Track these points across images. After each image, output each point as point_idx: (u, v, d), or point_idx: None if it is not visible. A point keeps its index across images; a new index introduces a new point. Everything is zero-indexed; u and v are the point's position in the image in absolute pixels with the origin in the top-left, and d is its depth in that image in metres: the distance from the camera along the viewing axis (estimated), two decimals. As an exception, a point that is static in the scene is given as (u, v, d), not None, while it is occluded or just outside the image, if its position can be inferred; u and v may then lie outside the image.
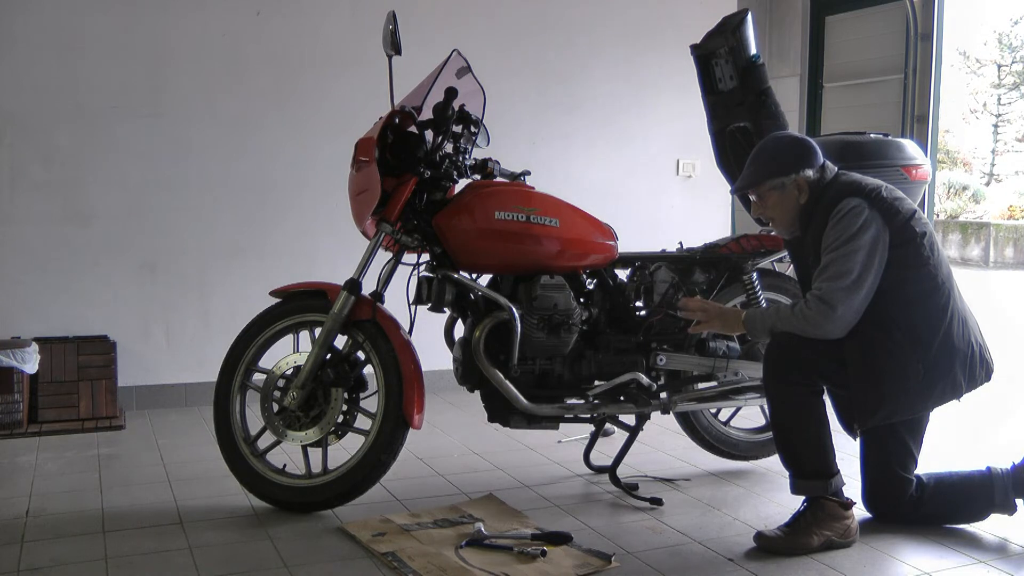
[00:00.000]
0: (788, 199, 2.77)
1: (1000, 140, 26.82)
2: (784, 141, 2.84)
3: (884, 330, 2.65)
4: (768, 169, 2.77)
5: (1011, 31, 26.94)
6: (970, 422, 4.44)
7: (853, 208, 2.64)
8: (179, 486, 3.26)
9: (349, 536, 2.77)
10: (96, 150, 4.31)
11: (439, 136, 2.99)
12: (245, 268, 4.54)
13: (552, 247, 3.04)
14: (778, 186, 2.76)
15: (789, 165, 2.75)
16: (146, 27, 4.35)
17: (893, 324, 2.65)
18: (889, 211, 2.66)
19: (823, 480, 2.72)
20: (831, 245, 2.65)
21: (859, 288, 2.60)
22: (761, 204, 2.83)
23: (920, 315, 2.66)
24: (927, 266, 2.67)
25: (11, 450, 3.73)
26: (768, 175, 2.77)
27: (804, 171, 2.74)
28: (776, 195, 2.78)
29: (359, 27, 4.58)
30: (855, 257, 2.60)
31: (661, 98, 5.37)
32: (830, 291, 2.61)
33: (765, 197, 2.80)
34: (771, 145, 2.83)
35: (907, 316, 2.65)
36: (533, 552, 2.60)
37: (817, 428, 2.74)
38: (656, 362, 3.18)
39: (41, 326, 4.25)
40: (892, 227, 2.65)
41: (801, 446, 2.75)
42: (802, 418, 2.74)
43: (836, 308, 2.60)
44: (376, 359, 2.96)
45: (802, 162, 2.75)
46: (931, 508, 2.87)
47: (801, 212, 2.78)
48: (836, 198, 2.69)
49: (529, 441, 3.88)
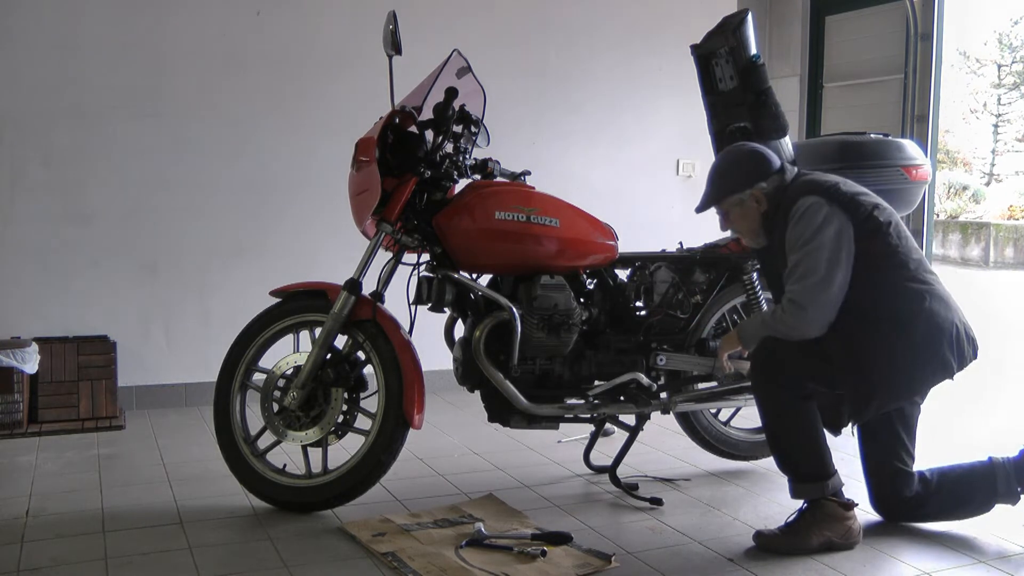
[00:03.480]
0: (749, 212, 2.81)
1: (1000, 140, 26.81)
2: (736, 157, 2.87)
3: (865, 321, 2.65)
4: (724, 187, 2.82)
5: (1011, 31, 26.94)
6: (970, 421, 4.44)
7: (811, 206, 2.65)
8: (179, 486, 3.26)
9: (349, 536, 2.77)
10: (96, 150, 4.31)
11: (439, 136, 2.99)
12: (245, 268, 4.54)
13: (552, 247, 3.04)
14: (736, 202, 2.81)
15: (743, 180, 2.79)
16: (146, 27, 4.35)
17: (873, 314, 2.65)
18: (850, 205, 2.67)
19: (820, 482, 2.72)
20: (794, 246, 2.67)
21: (828, 285, 2.61)
22: (725, 220, 2.89)
23: (899, 301, 2.65)
24: (897, 254, 2.67)
25: (11, 450, 3.73)
26: (724, 193, 2.82)
27: (758, 184, 2.78)
28: (737, 210, 2.82)
29: (359, 27, 4.58)
30: (819, 255, 2.61)
31: (661, 98, 5.37)
32: (800, 292, 2.63)
33: (727, 213, 2.85)
34: (725, 162, 2.88)
35: (886, 304, 2.65)
36: (533, 552, 2.60)
37: (810, 431, 2.73)
38: (656, 362, 3.18)
39: (41, 326, 4.25)
40: (855, 220, 2.66)
41: (795, 450, 2.75)
42: (793, 422, 2.74)
43: (807, 308, 2.61)
44: (376, 359, 2.96)
45: (755, 176, 2.79)
46: (936, 503, 2.86)
47: (764, 220, 2.81)
48: (794, 199, 2.70)
49: (529, 441, 3.88)
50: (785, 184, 2.79)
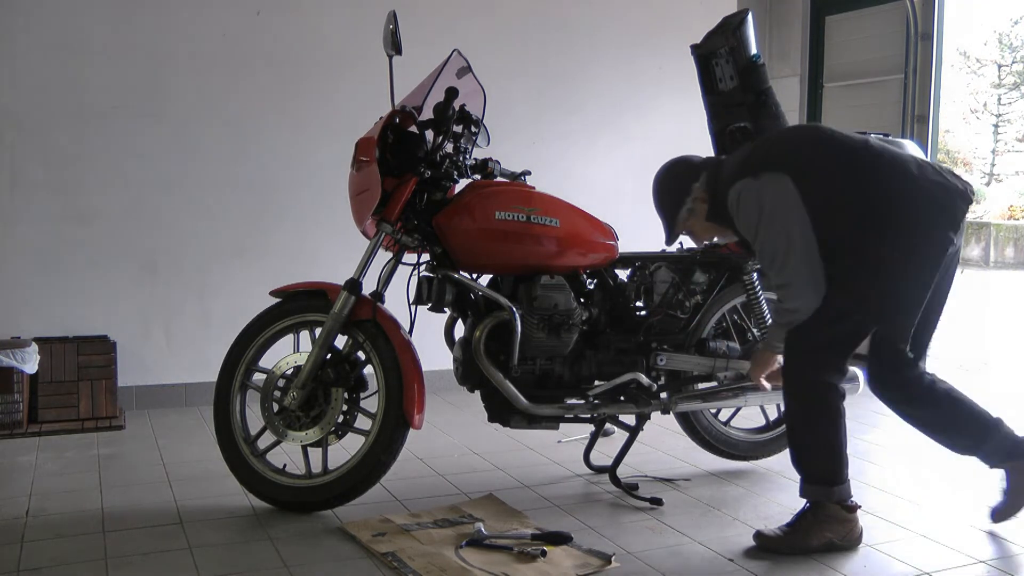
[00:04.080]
0: (702, 216, 2.85)
1: (1000, 140, 26.80)
2: (660, 180, 2.95)
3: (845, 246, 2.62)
4: (669, 209, 2.89)
5: (1011, 31, 26.93)
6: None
7: (740, 195, 2.66)
8: (179, 486, 3.26)
9: (349, 536, 2.77)
10: (96, 150, 4.31)
11: (439, 136, 2.99)
12: (246, 268, 4.54)
13: (552, 247, 3.04)
14: (686, 215, 2.85)
15: (677, 194, 2.84)
16: (146, 27, 4.35)
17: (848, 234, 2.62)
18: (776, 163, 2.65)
19: (829, 487, 2.70)
20: (750, 236, 2.70)
21: (792, 249, 2.61)
22: (695, 237, 2.92)
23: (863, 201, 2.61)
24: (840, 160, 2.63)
25: (11, 450, 3.72)
26: (673, 213, 2.87)
27: (692, 187, 2.82)
28: (694, 221, 2.87)
29: (359, 27, 4.57)
30: (770, 231, 2.63)
31: (661, 98, 5.36)
32: (777, 275, 2.67)
33: (690, 229, 2.89)
34: (656, 190, 2.96)
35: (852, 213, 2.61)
36: (533, 552, 2.60)
37: (832, 435, 2.70)
38: (656, 362, 3.18)
39: (41, 326, 4.25)
40: (788, 171, 2.62)
41: (813, 450, 2.73)
42: (818, 423, 2.71)
43: (792, 283, 2.64)
44: (376, 359, 2.96)
45: (685, 182, 2.84)
46: (929, 413, 2.79)
47: (715, 217, 2.82)
48: (725, 192, 2.72)
49: (529, 441, 3.88)
50: (715, 174, 2.80)
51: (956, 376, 5.67)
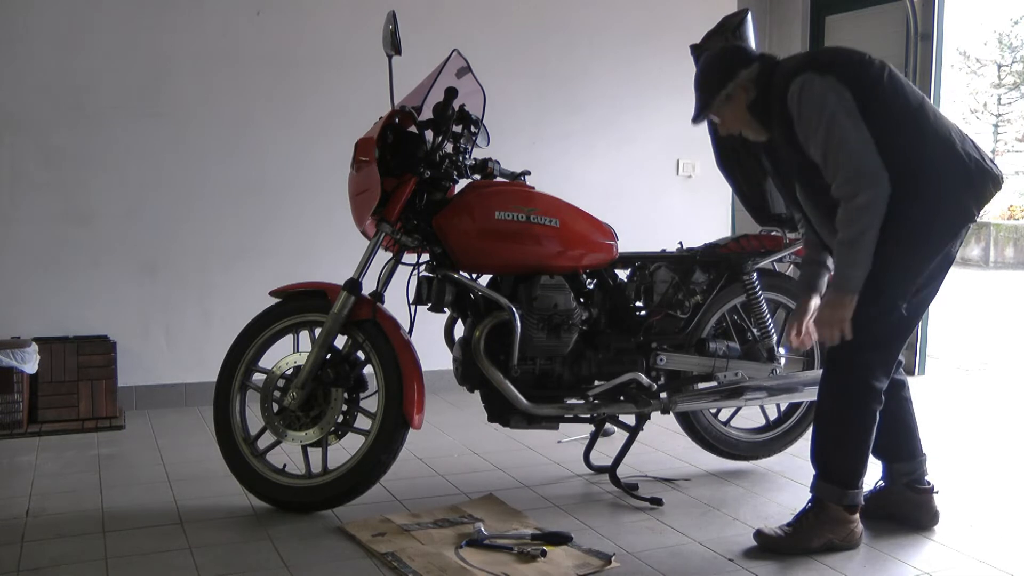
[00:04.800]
0: (739, 105, 2.74)
1: (1000, 140, 26.82)
2: (711, 58, 2.81)
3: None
4: (709, 88, 2.75)
5: (1011, 31, 26.96)
6: (971, 420, 4.45)
7: (802, 87, 2.57)
8: (179, 486, 3.26)
9: (349, 536, 2.77)
10: (96, 150, 4.31)
11: (439, 136, 2.99)
12: (245, 268, 4.54)
13: (552, 247, 3.04)
14: (725, 99, 2.73)
15: (725, 74, 2.72)
16: (146, 27, 4.35)
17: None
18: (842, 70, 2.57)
19: (843, 490, 2.68)
20: (811, 135, 2.56)
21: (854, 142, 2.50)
22: (723, 123, 2.81)
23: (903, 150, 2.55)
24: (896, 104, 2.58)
25: (11, 450, 3.73)
26: (713, 92, 2.74)
27: (739, 73, 2.70)
28: (728, 108, 2.75)
29: (359, 27, 4.57)
30: (832, 125, 2.51)
31: (661, 98, 5.37)
32: (838, 170, 2.52)
33: (721, 114, 2.78)
34: (702, 66, 2.82)
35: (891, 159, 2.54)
36: (533, 552, 2.60)
37: (860, 439, 2.68)
38: (656, 362, 3.18)
39: (41, 326, 4.25)
40: (850, 86, 2.55)
41: (838, 450, 2.70)
42: (851, 424, 2.68)
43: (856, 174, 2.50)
44: (376, 359, 2.96)
45: (735, 66, 2.72)
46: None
47: (756, 110, 2.72)
48: (785, 85, 2.61)
49: (529, 441, 3.88)
50: (770, 68, 2.71)
51: (956, 376, 5.68)
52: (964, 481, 3.38)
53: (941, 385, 5.30)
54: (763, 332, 3.35)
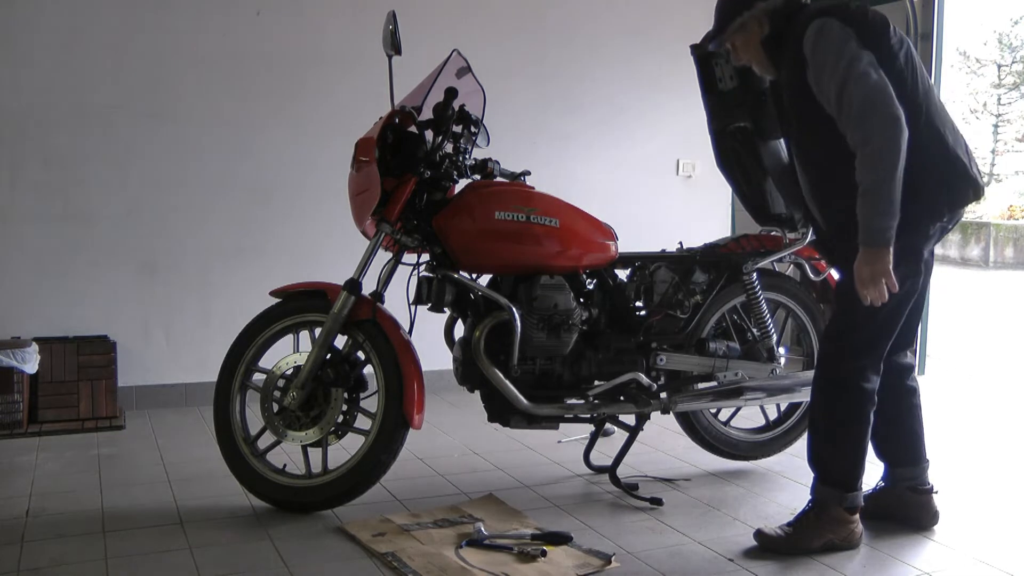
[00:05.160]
0: (753, 37, 2.70)
1: (1000, 140, 26.83)
2: None
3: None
4: (726, 13, 2.72)
5: (1011, 31, 26.97)
6: (971, 420, 4.45)
7: (821, 29, 2.49)
8: (179, 486, 3.26)
9: (349, 536, 2.77)
10: (96, 150, 4.31)
11: (439, 136, 2.99)
12: (245, 268, 4.54)
13: (552, 247, 3.04)
14: (740, 27, 2.70)
15: (741, 2, 2.68)
16: (146, 27, 4.35)
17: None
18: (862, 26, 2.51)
19: (841, 492, 2.69)
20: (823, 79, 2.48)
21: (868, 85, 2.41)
22: (735, 53, 2.78)
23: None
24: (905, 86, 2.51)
25: (11, 450, 3.72)
26: (728, 19, 2.71)
27: (756, 4, 2.66)
28: (742, 37, 2.72)
29: (359, 27, 4.57)
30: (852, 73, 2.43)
31: (661, 98, 5.37)
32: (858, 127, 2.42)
33: (734, 43, 2.75)
34: None
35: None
36: (533, 552, 2.60)
37: (857, 442, 2.68)
38: (656, 362, 3.18)
39: (41, 326, 4.25)
40: (869, 45, 2.50)
41: (835, 453, 2.70)
42: (846, 426, 2.68)
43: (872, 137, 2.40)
44: (376, 359, 2.96)
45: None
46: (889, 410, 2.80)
47: (769, 46, 2.68)
48: (803, 27, 2.56)
49: (529, 441, 3.88)
50: (791, 10, 2.65)
51: (956, 376, 5.68)
52: (964, 481, 3.38)
53: (941, 385, 5.29)
54: (763, 332, 3.35)
